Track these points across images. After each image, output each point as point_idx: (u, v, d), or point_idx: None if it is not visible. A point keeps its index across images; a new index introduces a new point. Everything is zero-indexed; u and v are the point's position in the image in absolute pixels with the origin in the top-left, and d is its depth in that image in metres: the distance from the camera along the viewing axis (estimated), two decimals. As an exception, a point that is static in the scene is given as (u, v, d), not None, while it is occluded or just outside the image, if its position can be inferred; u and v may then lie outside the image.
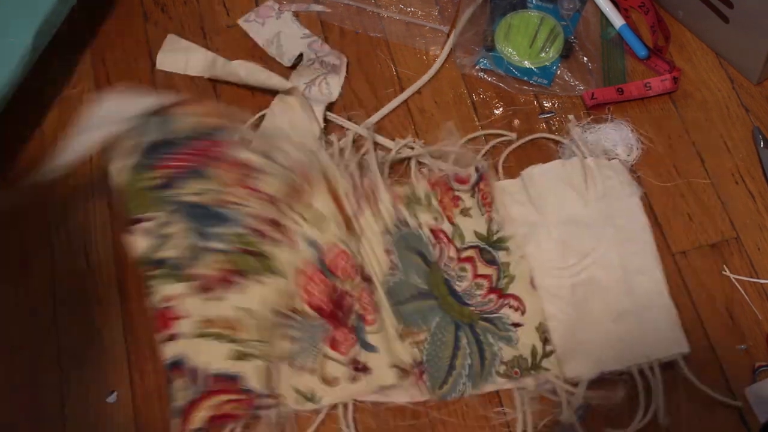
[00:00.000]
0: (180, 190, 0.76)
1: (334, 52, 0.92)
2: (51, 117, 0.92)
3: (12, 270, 0.84)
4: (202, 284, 0.75)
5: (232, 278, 0.75)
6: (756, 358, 0.74)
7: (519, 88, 0.89)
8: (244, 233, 0.76)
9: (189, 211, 0.76)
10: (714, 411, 0.72)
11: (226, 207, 0.76)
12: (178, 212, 0.76)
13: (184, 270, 0.75)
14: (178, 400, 0.73)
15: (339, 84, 0.90)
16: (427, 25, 0.93)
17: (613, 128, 0.84)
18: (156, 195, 0.76)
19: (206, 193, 0.76)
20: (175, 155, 0.77)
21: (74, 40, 0.96)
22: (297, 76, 0.91)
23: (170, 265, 0.75)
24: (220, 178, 0.77)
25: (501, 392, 0.74)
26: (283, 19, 0.94)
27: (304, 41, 0.93)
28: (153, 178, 0.76)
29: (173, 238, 0.76)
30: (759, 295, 0.77)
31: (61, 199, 0.87)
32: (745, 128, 0.85)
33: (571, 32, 0.91)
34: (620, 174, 0.80)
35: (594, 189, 0.78)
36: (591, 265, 0.75)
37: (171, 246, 0.75)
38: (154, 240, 0.76)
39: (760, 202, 0.81)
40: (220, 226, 0.76)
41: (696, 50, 0.90)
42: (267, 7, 0.96)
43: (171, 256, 0.75)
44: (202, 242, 0.75)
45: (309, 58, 0.92)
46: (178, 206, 0.76)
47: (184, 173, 0.76)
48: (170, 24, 0.97)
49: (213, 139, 0.78)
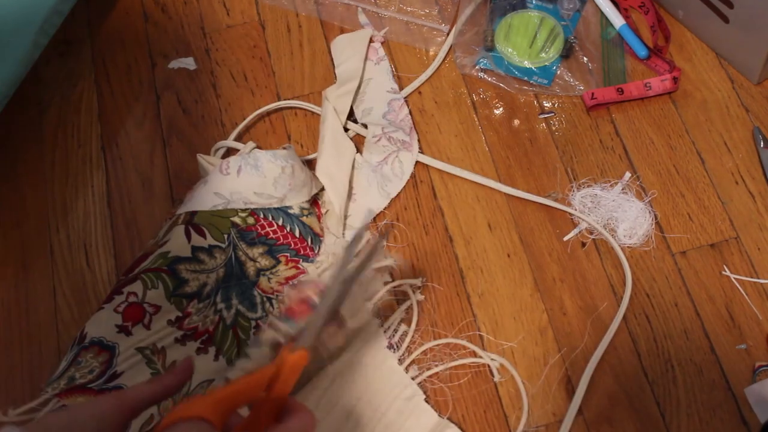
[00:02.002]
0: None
1: (406, 122, 0.87)
2: (51, 117, 0.92)
3: (12, 270, 0.84)
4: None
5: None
6: (756, 358, 0.74)
7: (519, 88, 0.89)
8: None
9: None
10: (714, 411, 0.73)
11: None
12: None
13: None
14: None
15: (413, 161, 0.85)
16: (427, 24, 0.93)
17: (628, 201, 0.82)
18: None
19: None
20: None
21: (74, 40, 0.96)
22: (368, 154, 0.86)
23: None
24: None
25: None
26: (381, 67, 0.91)
27: (388, 96, 0.89)
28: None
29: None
30: (759, 295, 0.77)
31: (61, 199, 0.87)
32: (745, 128, 0.85)
33: (571, 32, 0.91)
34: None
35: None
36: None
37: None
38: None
39: (760, 202, 0.81)
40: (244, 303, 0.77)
41: (696, 50, 0.90)
42: (372, 48, 0.92)
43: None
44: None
45: (375, 135, 0.86)
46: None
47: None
48: (170, 24, 0.97)
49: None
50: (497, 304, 0.79)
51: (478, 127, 0.88)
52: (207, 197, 0.78)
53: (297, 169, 0.79)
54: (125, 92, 0.93)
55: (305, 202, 0.80)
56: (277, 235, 0.79)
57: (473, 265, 0.81)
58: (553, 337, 0.77)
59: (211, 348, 0.75)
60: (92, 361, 0.71)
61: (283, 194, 0.79)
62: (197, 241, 0.76)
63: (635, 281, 0.78)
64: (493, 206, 0.83)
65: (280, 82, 0.92)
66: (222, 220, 0.77)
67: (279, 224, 0.79)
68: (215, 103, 0.92)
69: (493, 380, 0.75)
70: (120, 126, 0.91)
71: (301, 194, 0.80)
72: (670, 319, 0.77)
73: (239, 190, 0.78)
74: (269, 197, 0.78)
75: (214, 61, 0.94)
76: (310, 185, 0.81)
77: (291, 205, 0.79)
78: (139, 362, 0.72)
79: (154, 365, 0.73)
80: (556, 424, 0.73)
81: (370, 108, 0.88)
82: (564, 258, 0.80)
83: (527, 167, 0.85)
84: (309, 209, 0.80)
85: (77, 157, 0.89)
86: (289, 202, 0.79)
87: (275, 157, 0.78)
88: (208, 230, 0.76)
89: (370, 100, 0.89)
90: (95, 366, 0.71)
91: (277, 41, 0.95)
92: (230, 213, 0.77)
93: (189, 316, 0.75)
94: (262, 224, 0.78)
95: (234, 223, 0.77)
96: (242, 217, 0.78)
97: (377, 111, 0.88)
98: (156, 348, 0.73)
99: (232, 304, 0.77)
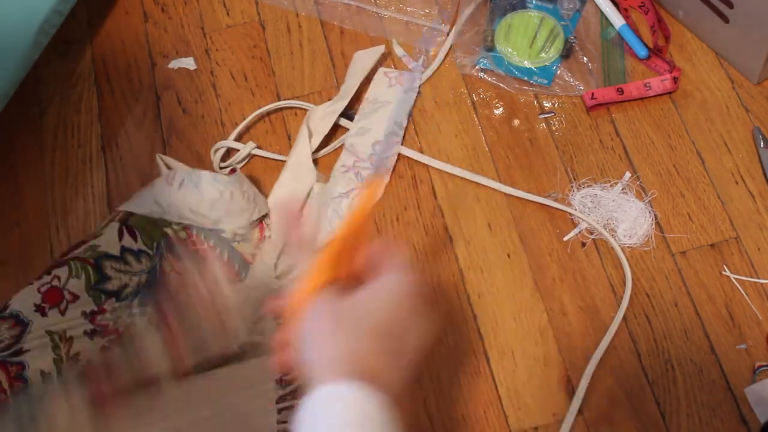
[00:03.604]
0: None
1: (389, 162, 0.85)
2: (51, 117, 0.92)
3: (12, 270, 0.84)
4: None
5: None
6: (756, 358, 0.74)
7: (519, 88, 0.89)
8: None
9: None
10: (714, 411, 0.73)
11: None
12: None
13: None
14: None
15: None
16: (427, 24, 0.93)
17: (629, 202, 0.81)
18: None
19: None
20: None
21: (74, 40, 0.96)
22: (333, 185, 0.84)
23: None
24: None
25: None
26: (406, 97, 0.88)
27: (391, 127, 0.86)
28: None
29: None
30: (759, 295, 0.77)
31: (61, 199, 0.87)
32: (745, 128, 0.85)
33: (571, 32, 0.91)
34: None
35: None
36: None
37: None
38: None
39: (760, 202, 0.81)
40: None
41: (696, 50, 0.90)
42: (409, 76, 0.89)
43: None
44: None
45: (344, 165, 0.85)
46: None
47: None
48: (170, 24, 0.97)
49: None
50: (497, 304, 0.79)
51: (478, 127, 0.88)
52: (147, 202, 0.79)
53: (237, 195, 0.79)
54: (125, 92, 0.93)
55: (241, 228, 0.80)
56: (205, 255, 0.79)
57: (473, 265, 0.81)
58: (553, 337, 0.77)
59: (118, 349, 0.75)
60: (5, 332, 0.72)
61: (218, 217, 0.79)
62: (128, 242, 0.77)
63: (635, 281, 0.78)
64: (493, 206, 0.83)
65: (280, 82, 0.92)
66: (155, 228, 0.78)
67: (210, 245, 0.79)
68: (215, 103, 0.92)
69: (494, 381, 0.75)
70: (120, 126, 0.91)
71: (238, 219, 0.79)
72: (670, 319, 0.77)
73: (176, 204, 0.78)
74: (203, 217, 0.78)
75: (214, 61, 0.94)
76: (250, 212, 0.80)
77: (224, 229, 0.79)
78: (46, 345, 0.73)
79: (58, 351, 0.73)
80: (556, 424, 0.73)
81: (368, 129, 0.86)
82: (564, 258, 0.80)
83: (527, 167, 0.85)
84: (243, 235, 0.80)
85: (77, 157, 0.89)
86: (223, 226, 0.79)
87: (216, 180, 0.78)
88: (140, 234, 0.77)
89: (373, 123, 0.87)
90: (5, 337, 0.72)
91: (277, 41, 0.95)
92: (165, 223, 0.78)
93: (103, 313, 0.75)
94: (193, 241, 0.79)
95: (166, 234, 0.78)
96: (175, 229, 0.78)
97: (371, 135, 0.86)
98: (64, 335, 0.74)
99: (147, 312, 0.77)
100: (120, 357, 0.72)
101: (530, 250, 0.81)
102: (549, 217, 0.82)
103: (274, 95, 0.91)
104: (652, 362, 0.75)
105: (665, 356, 0.75)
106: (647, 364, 0.75)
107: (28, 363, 0.72)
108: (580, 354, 0.76)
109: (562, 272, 0.80)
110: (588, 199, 0.82)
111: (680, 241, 0.80)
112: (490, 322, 0.78)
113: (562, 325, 0.77)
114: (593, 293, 0.78)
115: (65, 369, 0.71)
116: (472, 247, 0.82)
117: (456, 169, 0.85)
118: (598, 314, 0.77)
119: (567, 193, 0.83)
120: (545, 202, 0.82)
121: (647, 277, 0.79)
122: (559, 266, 0.80)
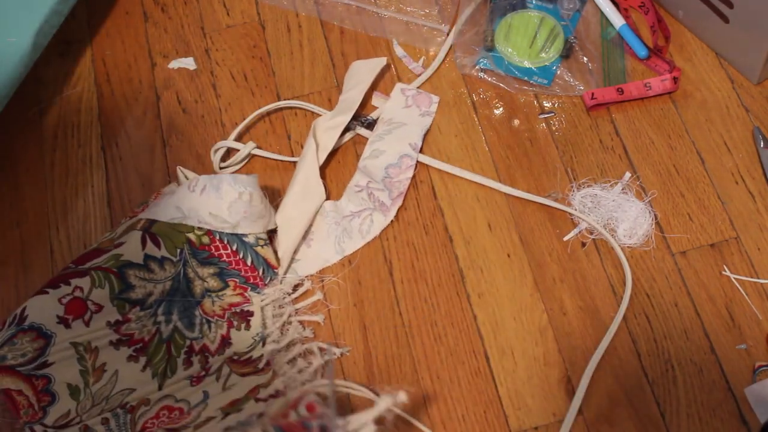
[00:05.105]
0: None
1: (402, 184, 0.83)
2: (51, 117, 0.92)
3: (12, 270, 0.84)
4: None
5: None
6: (756, 358, 0.74)
7: (519, 88, 0.89)
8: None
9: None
10: (714, 411, 0.73)
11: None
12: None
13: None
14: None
15: (382, 226, 0.83)
16: (427, 24, 0.93)
17: (629, 202, 0.81)
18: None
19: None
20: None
21: (74, 40, 0.96)
22: (346, 200, 0.84)
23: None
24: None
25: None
26: (422, 120, 0.87)
27: (405, 149, 0.84)
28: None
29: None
30: (759, 295, 0.77)
31: (61, 199, 0.87)
32: (745, 128, 0.85)
33: (571, 32, 0.91)
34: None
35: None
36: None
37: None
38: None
39: (760, 202, 0.81)
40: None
41: (696, 50, 0.90)
42: (426, 98, 0.88)
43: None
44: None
45: (358, 185, 0.84)
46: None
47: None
48: (170, 24, 0.97)
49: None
50: (497, 304, 0.79)
51: (478, 127, 0.88)
52: (169, 209, 0.78)
53: (255, 198, 0.78)
54: (125, 92, 0.93)
55: (261, 233, 0.79)
56: (229, 259, 0.79)
57: (473, 265, 0.81)
58: (553, 337, 0.77)
59: (143, 358, 0.75)
60: (27, 345, 0.71)
61: (237, 221, 0.77)
62: (151, 250, 0.76)
63: (635, 281, 0.78)
64: (493, 206, 0.83)
65: (280, 82, 0.92)
66: (178, 234, 0.77)
67: (233, 249, 0.78)
68: (215, 103, 0.92)
69: (494, 381, 0.75)
70: (120, 126, 0.91)
71: (256, 225, 0.78)
72: (670, 319, 0.77)
73: (197, 207, 0.77)
74: (223, 221, 0.77)
75: (214, 61, 0.94)
76: (267, 219, 0.79)
77: (246, 234, 0.79)
78: (71, 357, 0.73)
79: (84, 362, 0.73)
80: (556, 424, 0.73)
81: (382, 151, 0.84)
82: (564, 258, 0.80)
83: (527, 167, 0.85)
84: (265, 240, 0.79)
85: (77, 157, 0.89)
86: (242, 230, 0.78)
87: (235, 181, 0.77)
88: (163, 241, 0.77)
89: (387, 144, 0.85)
90: (29, 351, 0.71)
91: (277, 41, 0.95)
92: (187, 229, 0.78)
93: (128, 322, 0.75)
94: (216, 245, 0.78)
95: (189, 239, 0.78)
96: (198, 235, 0.78)
97: (384, 159, 0.84)
98: (90, 347, 0.74)
99: (172, 319, 0.77)
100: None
101: (530, 250, 0.81)
102: (549, 217, 0.82)
103: (274, 95, 0.91)
104: (652, 362, 0.75)
105: (665, 356, 0.75)
106: (647, 364, 0.75)
107: (54, 376, 0.72)
108: (580, 354, 0.76)
109: (562, 272, 0.80)
110: (588, 199, 0.82)
111: (680, 241, 0.80)
112: (490, 322, 0.78)
113: (562, 325, 0.77)
114: (593, 293, 0.78)
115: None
116: (472, 247, 0.82)
117: (456, 169, 0.85)
118: (598, 314, 0.77)
119: (567, 193, 0.83)
120: (545, 202, 0.82)
121: (647, 277, 0.79)
122: (559, 266, 0.80)
